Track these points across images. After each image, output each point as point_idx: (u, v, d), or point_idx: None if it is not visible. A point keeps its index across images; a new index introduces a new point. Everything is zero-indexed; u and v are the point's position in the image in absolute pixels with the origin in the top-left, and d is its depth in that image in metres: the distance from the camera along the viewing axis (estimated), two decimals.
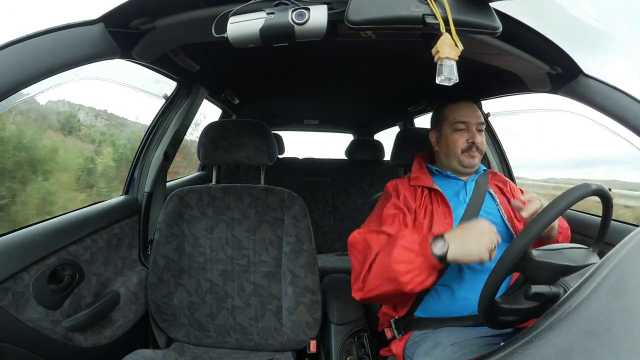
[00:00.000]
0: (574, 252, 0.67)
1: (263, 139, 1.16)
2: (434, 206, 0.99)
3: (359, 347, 1.06)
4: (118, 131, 2.20)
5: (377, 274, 0.82)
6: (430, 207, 0.99)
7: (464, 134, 1.02)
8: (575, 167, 2.13)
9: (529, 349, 0.31)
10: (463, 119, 1.02)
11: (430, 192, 1.01)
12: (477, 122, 1.03)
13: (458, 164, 1.03)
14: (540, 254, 0.63)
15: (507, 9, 0.69)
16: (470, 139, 1.02)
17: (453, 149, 1.03)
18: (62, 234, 0.92)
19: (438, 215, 0.97)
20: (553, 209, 0.62)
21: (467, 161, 1.02)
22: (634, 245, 0.38)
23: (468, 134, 1.02)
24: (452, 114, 1.04)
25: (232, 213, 1.15)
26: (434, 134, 1.10)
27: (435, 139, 1.09)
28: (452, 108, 1.05)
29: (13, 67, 0.57)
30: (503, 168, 1.55)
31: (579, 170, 2.09)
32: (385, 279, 0.80)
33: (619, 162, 1.69)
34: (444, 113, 1.07)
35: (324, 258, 2.10)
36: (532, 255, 0.62)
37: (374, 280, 0.83)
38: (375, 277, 0.82)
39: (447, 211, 0.97)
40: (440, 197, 0.99)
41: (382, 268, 0.80)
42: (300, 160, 2.66)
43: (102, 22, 0.70)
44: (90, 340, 0.95)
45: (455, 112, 1.04)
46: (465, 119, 1.02)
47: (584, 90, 0.88)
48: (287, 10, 0.63)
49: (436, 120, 1.10)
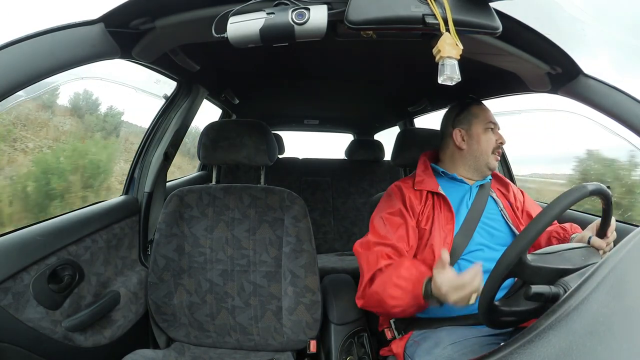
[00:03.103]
0: (572, 253, 0.66)
1: (263, 139, 1.16)
2: (436, 212, 0.98)
3: (359, 347, 1.06)
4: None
5: (373, 298, 0.89)
6: (432, 213, 0.98)
7: (493, 135, 1.04)
8: (558, 162, 2.19)
9: (529, 349, 0.31)
10: (494, 120, 1.05)
11: (434, 196, 1.01)
12: (499, 126, 1.06)
13: (485, 165, 1.03)
14: (536, 259, 0.62)
15: (507, 9, 0.69)
16: (499, 140, 1.04)
17: (486, 148, 1.03)
18: (62, 234, 0.92)
19: (439, 222, 0.96)
20: (547, 213, 0.61)
21: (494, 163, 1.04)
22: (634, 245, 0.39)
23: (496, 135, 1.04)
24: (483, 114, 1.05)
25: (232, 213, 1.15)
26: (460, 132, 1.05)
27: (461, 137, 1.05)
28: (481, 108, 1.07)
29: (13, 67, 0.57)
30: (503, 168, 1.55)
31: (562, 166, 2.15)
32: (378, 305, 0.89)
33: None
34: (474, 112, 1.06)
35: (324, 258, 2.09)
36: (528, 260, 0.61)
37: (370, 300, 0.91)
38: (371, 299, 0.90)
39: (450, 216, 0.97)
40: (444, 202, 0.99)
41: (377, 295, 0.87)
42: (300, 160, 2.66)
43: (102, 22, 0.69)
44: (90, 340, 0.95)
45: (486, 112, 1.06)
46: (494, 120, 1.05)
47: (584, 90, 0.88)
48: (287, 10, 0.63)
49: (462, 118, 1.06)
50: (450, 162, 1.08)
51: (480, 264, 0.73)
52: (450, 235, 0.95)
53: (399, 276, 0.83)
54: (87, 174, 1.68)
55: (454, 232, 0.95)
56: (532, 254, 0.64)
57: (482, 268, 0.72)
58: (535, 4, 0.84)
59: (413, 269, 0.83)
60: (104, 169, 1.86)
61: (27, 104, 1.52)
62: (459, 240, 0.95)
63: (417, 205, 1.00)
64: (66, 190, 1.54)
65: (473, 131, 1.05)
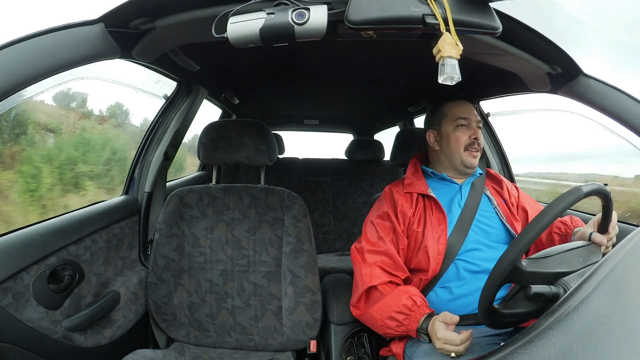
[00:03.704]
0: (571, 255, 0.65)
1: (263, 139, 1.16)
2: (428, 214, 0.98)
3: (359, 347, 1.06)
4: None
5: (368, 319, 0.94)
6: (424, 215, 0.99)
7: (465, 131, 1.02)
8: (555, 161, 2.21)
9: (529, 349, 0.31)
10: (464, 115, 1.02)
11: (424, 198, 1.01)
12: (476, 120, 1.03)
13: (460, 164, 1.02)
14: (531, 264, 0.61)
15: (507, 9, 0.69)
16: (472, 135, 1.01)
17: (456, 146, 1.02)
18: (62, 234, 0.92)
19: (431, 223, 0.97)
20: (540, 220, 0.60)
21: (469, 160, 1.01)
22: (634, 245, 0.39)
23: (469, 131, 1.02)
24: (453, 111, 1.04)
25: (232, 213, 1.15)
26: (432, 134, 1.08)
27: (434, 138, 1.07)
28: (451, 106, 1.05)
29: (13, 67, 0.57)
30: (503, 168, 1.55)
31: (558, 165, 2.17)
32: (372, 325, 0.95)
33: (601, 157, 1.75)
34: (443, 111, 1.06)
35: (324, 258, 2.10)
36: (523, 266, 0.60)
37: (365, 318, 0.96)
38: (366, 318, 0.95)
39: (442, 217, 0.97)
40: (435, 203, 0.99)
41: (373, 320, 0.92)
42: (300, 160, 2.66)
43: (102, 22, 0.69)
44: (90, 340, 0.95)
45: (456, 109, 1.04)
46: (466, 116, 1.02)
47: (584, 90, 0.87)
48: (287, 10, 0.63)
49: (434, 119, 1.08)
50: (436, 163, 1.09)
51: (470, 332, 0.77)
52: (444, 235, 0.95)
53: (398, 309, 0.86)
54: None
55: (447, 233, 0.95)
56: (527, 258, 0.63)
57: (472, 335, 0.77)
58: (535, 4, 0.84)
59: (409, 300, 0.86)
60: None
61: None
62: (453, 240, 0.95)
63: (408, 209, 1.00)
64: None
65: (443, 131, 1.05)
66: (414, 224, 0.98)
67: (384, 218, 1.00)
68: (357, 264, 0.99)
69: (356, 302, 0.97)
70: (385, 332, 0.91)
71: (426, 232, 0.96)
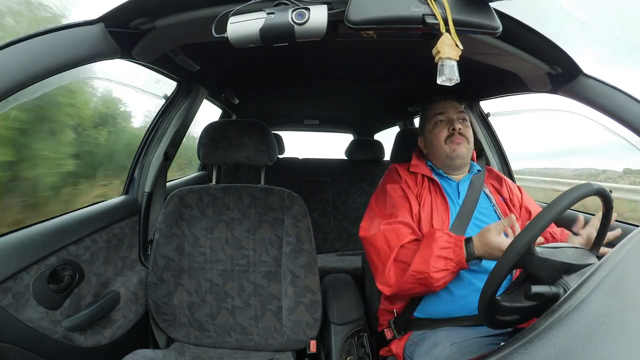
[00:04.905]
0: (575, 252, 0.67)
1: (263, 139, 1.16)
2: (433, 196, 0.99)
3: (359, 347, 1.06)
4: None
5: (413, 279, 0.85)
6: (429, 197, 0.99)
7: (444, 126, 1.03)
8: (550, 158, 2.24)
9: (529, 349, 0.31)
10: (441, 111, 1.04)
11: (429, 182, 1.02)
12: (457, 112, 1.04)
13: (446, 158, 1.02)
14: (543, 251, 0.63)
15: (507, 9, 0.69)
16: (450, 127, 1.02)
17: (437, 143, 1.03)
18: (62, 234, 0.92)
19: (436, 205, 0.97)
20: (556, 206, 0.61)
21: (452, 150, 1.01)
22: (634, 245, 0.39)
23: (448, 124, 1.03)
24: (431, 111, 1.07)
25: (232, 213, 1.15)
26: (421, 139, 1.12)
27: (422, 142, 1.11)
28: (430, 107, 1.08)
29: (13, 67, 0.57)
30: (503, 168, 1.55)
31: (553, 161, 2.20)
32: (420, 283, 0.85)
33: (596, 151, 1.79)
34: (424, 114, 1.10)
35: (324, 258, 2.09)
36: (536, 251, 0.62)
37: (409, 283, 0.86)
38: (410, 281, 0.86)
39: (444, 203, 0.99)
40: (438, 188, 1.00)
41: (419, 275, 0.84)
42: (300, 160, 2.66)
43: (102, 22, 0.69)
44: (90, 340, 0.95)
45: (434, 108, 1.07)
46: (442, 111, 1.04)
47: (584, 90, 0.88)
48: (287, 10, 0.63)
49: (420, 124, 1.12)
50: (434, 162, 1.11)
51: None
52: (447, 221, 0.96)
53: (437, 244, 0.83)
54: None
55: (449, 223, 0.96)
56: (539, 246, 0.65)
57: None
58: (535, 4, 0.84)
59: (446, 236, 0.84)
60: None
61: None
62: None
63: (414, 187, 1.01)
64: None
65: (426, 132, 1.08)
66: (420, 202, 0.99)
67: (399, 190, 1.01)
68: (376, 236, 0.93)
69: (386, 278, 0.89)
70: (436, 277, 0.82)
71: (433, 217, 0.96)
